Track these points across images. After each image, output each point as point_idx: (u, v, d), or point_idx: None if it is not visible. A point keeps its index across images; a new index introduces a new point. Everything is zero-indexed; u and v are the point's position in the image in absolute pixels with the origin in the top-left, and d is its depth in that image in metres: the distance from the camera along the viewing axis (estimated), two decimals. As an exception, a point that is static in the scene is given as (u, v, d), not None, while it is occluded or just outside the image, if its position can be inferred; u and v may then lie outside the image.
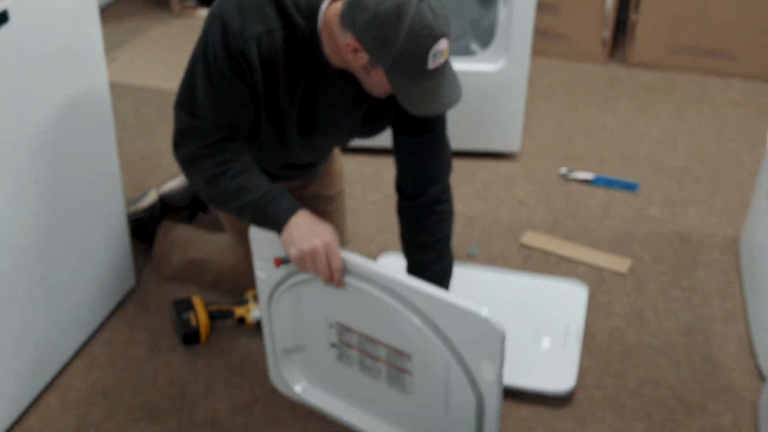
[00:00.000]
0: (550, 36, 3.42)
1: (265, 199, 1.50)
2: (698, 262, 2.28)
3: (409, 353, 1.51)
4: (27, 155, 1.64)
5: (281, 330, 1.68)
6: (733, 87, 3.22)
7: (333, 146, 1.90)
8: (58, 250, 1.80)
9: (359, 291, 1.48)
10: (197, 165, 1.58)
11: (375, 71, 1.45)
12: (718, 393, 1.86)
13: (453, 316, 1.39)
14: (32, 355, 1.77)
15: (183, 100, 1.58)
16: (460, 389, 1.46)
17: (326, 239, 1.45)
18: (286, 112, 1.60)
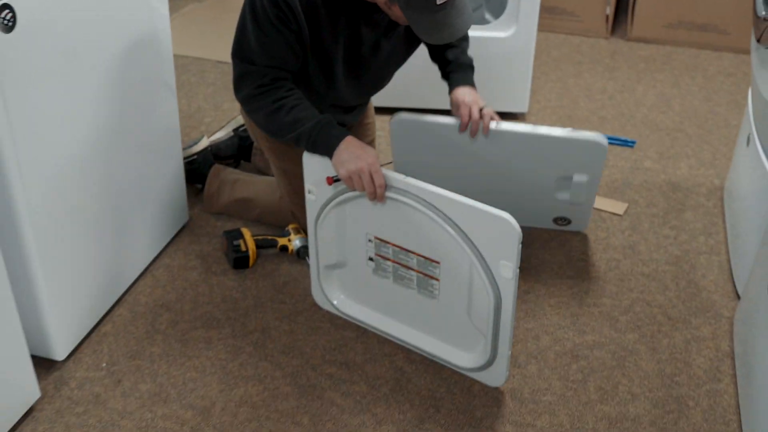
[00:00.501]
0: (558, 12, 3.70)
1: (317, 128, 1.79)
2: (686, 206, 2.55)
3: (438, 259, 1.80)
4: (103, 95, 1.91)
5: (325, 247, 1.97)
6: (724, 59, 3.49)
7: (374, 83, 2.15)
8: (127, 186, 2.07)
9: (398, 204, 1.76)
10: (256, 103, 1.86)
11: (393, 6, 1.74)
12: (699, 310, 2.14)
13: (478, 220, 1.67)
14: (105, 274, 2.05)
15: (237, 48, 1.87)
16: (481, 288, 1.74)
17: (370, 160, 1.74)
18: (331, 51, 1.88)
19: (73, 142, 1.82)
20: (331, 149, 1.79)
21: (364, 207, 1.84)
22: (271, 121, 1.86)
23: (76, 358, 1.96)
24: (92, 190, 1.93)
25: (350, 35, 1.90)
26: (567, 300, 2.17)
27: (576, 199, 2.24)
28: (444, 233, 1.73)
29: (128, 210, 2.10)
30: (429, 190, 1.72)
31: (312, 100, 1.94)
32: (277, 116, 1.84)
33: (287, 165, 2.21)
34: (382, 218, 1.84)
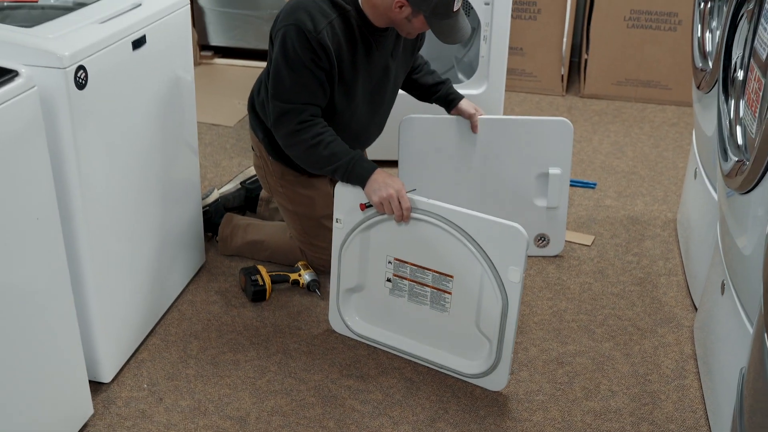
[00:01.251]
0: (518, 73, 4.10)
1: (352, 162, 2.12)
2: (645, 236, 2.90)
3: (451, 273, 2.09)
4: (142, 149, 2.19)
5: (347, 271, 2.24)
6: (667, 111, 3.91)
7: (387, 108, 2.47)
8: (156, 230, 2.32)
9: (419, 224, 2.08)
10: (297, 138, 2.18)
11: (416, 19, 2.13)
12: (663, 321, 2.46)
13: (490, 230, 1.99)
14: (140, 307, 2.29)
15: (275, 92, 2.19)
16: (490, 295, 2.04)
17: (397, 187, 2.08)
18: (352, 81, 2.23)
19: (121, 189, 2.09)
20: (364, 180, 2.11)
21: (387, 230, 2.14)
22: (310, 155, 2.19)
23: (119, 381, 2.18)
24: (129, 233, 2.18)
25: (366, 62, 2.25)
26: (549, 317, 2.47)
27: (552, 202, 2.60)
28: (459, 246, 2.04)
29: (157, 252, 2.35)
30: (447, 208, 2.05)
31: (337, 133, 2.25)
32: (315, 150, 2.16)
33: (299, 209, 2.50)
34: (403, 239, 2.14)
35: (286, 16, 2.16)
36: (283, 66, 2.15)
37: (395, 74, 2.39)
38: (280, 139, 2.23)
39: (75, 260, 1.95)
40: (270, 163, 2.48)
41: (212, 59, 4.42)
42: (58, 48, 1.75)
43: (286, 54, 2.14)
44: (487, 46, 3.15)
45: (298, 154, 2.23)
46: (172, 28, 2.20)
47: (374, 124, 2.46)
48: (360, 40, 2.21)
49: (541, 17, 3.99)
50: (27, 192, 1.68)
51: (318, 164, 2.20)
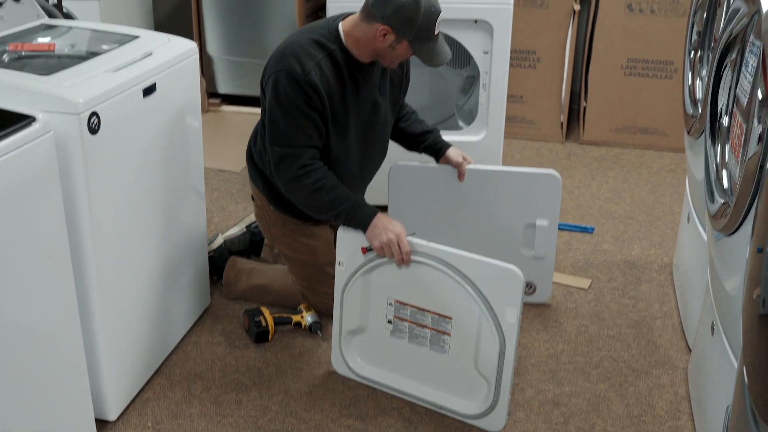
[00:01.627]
0: (519, 121, 4.19)
1: (353, 208, 2.19)
2: (642, 280, 2.95)
3: (450, 315, 2.15)
4: (151, 195, 2.27)
5: (349, 313, 2.30)
6: (665, 157, 3.99)
7: (380, 147, 2.54)
8: (163, 273, 2.38)
9: (419, 267, 2.14)
10: (299, 184, 2.24)
11: (400, 45, 2.22)
12: (658, 363, 2.50)
13: (487, 272, 2.05)
14: (146, 347, 2.34)
15: (272, 138, 2.26)
16: (488, 336, 2.09)
17: (397, 231, 2.14)
18: (344, 118, 2.31)
19: (131, 232, 2.16)
20: (365, 225, 2.18)
21: (388, 273, 2.20)
22: (312, 200, 2.26)
23: (124, 419, 2.23)
24: (137, 274, 2.25)
25: (356, 99, 2.33)
26: (545, 359, 2.51)
27: (539, 252, 2.63)
28: (458, 287, 2.10)
29: (163, 293, 2.41)
30: (445, 251, 2.11)
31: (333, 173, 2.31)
32: (317, 196, 2.23)
33: (301, 257, 2.57)
34: (403, 282, 2.20)
35: (275, 63, 2.24)
36: (277, 111, 2.23)
37: (384, 110, 2.46)
38: (282, 185, 2.30)
39: (84, 300, 2.02)
40: (271, 213, 2.55)
41: (220, 106, 4.53)
42: (73, 95, 1.84)
43: (279, 99, 2.22)
44: (486, 93, 3.25)
45: (301, 200, 2.30)
46: (181, 76, 2.29)
47: (369, 162, 2.53)
48: (348, 77, 2.29)
49: (541, 66, 4.09)
50: (41, 231, 1.76)
51: (320, 209, 2.27)
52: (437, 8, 2.19)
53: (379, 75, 2.39)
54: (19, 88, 1.86)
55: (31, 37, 2.25)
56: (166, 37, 2.35)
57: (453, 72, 3.76)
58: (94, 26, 2.46)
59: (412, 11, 2.14)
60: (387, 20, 2.17)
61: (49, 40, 2.25)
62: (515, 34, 3.98)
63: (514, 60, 4.08)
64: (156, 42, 2.29)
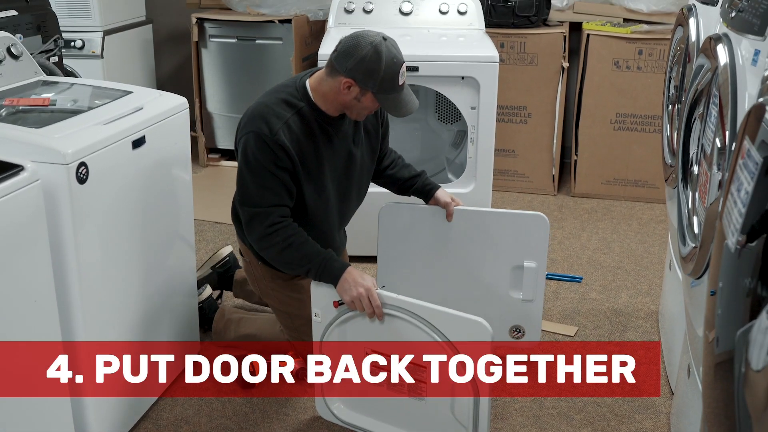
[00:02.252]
0: (511, 174, 4.27)
1: (323, 263, 2.23)
2: (628, 327, 2.99)
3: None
4: (140, 245, 2.35)
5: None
6: (655, 209, 4.05)
7: (357, 196, 2.61)
8: (152, 320, 2.45)
9: (391, 319, 2.18)
10: (269, 241, 2.29)
11: (365, 97, 2.27)
12: (642, 408, 2.52)
13: (456, 325, 2.09)
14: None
15: (242, 198, 2.32)
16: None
17: (367, 285, 2.18)
18: (319, 173, 2.36)
19: (119, 280, 2.23)
20: (336, 279, 2.22)
21: (362, 325, 2.25)
22: (283, 257, 2.29)
23: (110, 464, 2.26)
24: (125, 321, 2.31)
25: (330, 152, 2.39)
26: (529, 404, 2.54)
27: (527, 295, 2.67)
28: (429, 338, 2.13)
29: (152, 339, 2.47)
30: (414, 303, 2.14)
31: (310, 233, 2.36)
32: (287, 252, 2.27)
33: (289, 309, 2.61)
34: (377, 333, 2.24)
35: (244, 126, 2.30)
36: (246, 172, 2.28)
37: (361, 160, 2.52)
38: (254, 242, 2.34)
39: (71, 346, 2.07)
40: (259, 268, 2.59)
41: (219, 161, 4.64)
42: (62, 146, 1.93)
43: (247, 160, 2.27)
44: (475, 147, 3.33)
45: (272, 257, 2.34)
46: (171, 130, 2.39)
47: (347, 210, 2.59)
48: (319, 131, 2.35)
49: (532, 121, 4.19)
50: (27, 275, 1.82)
51: (291, 266, 2.32)
52: (399, 59, 2.24)
53: (352, 126, 2.46)
54: (12, 140, 1.95)
55: (28, 92, 2.36)
56: (157, 92, 2.46)
57: (444, 127, 3.86)
58: (89, 83, 2.58)
59: (374, 63, 2.20)
60: (350, 73, 2.22)
61: (44, 95, 2.36)
62: (507, 91, 4.11)
63: (505, 115, 4.19)
64: (147, 97, 2.39)
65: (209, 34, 4.45)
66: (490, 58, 3.25)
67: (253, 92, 4.54)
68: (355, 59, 2.21)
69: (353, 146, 2.48)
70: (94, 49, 4.06)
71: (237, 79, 4.51)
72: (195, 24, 4.38)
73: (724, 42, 1.92)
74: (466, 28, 3.73)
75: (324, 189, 2.42)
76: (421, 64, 3.23)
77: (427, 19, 3.75)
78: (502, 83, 3.99)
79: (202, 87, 4.55)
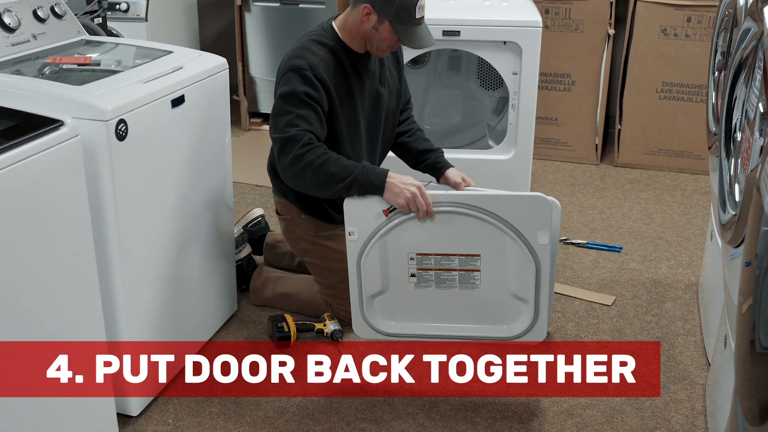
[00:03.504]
0: (553, 143, 4.23)
1: (364, 171, 2.25)
2: (666, 298, 2.95)
3: (478, 252, 2.23)
4: (181, 203, 2.37)
5: (369, 278, 2.34)
6: (700, 180, 3.98)
7: (387, 138, 2.65)
8: (192, 278, 2.49)
9: (441, 216, 2.22)
10: (303, 161, 2.28)
11: (382, 26, 2.35)
12: (677, 379, 2.50)
13: (516, 205, 2.15)
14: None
15: (275, 128, 2.35)
16: (522, 261, 2.19)
17: (417, 184, 2.23)
18: (350, 107, 2.43)
19: (157, 238, 2.26)
20: (381, 185, 2.23)
21: (407, 230, 2.27)
22: (320, 175, 2.27)
23: (146, 416, 2.32)
24: (163, 278, 2.35)
25: (359, 89, 2.46)
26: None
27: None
28: (486, 226, 2.19)
29: (189, 298, 2.51)
30: (469, 195, 2.25)
31: None
32: (324, 168, 2.26)
33: (330, 264, 2.64)
34: (422, 235, 2.27)
35: (283, 68, 2.39)
36: (282, 104, 2.33)
37: (388, 101, 2.58)
38: (287, 170, 2.31)
39: (109, 301, 2.12)
40: (301, 223, 2.62)
41: (261, 125, 4.66)
42: (102, 103, 1.96)
43: (285, 94, 2.32)
44: (516, 114, 3.30)
45: (308, 179, 2.30)
46: (210, 90, 2.40)
47: (375, 154, 2.63)
48: (350, 68, 2.43)
49: (575, 89, 4.13)
50: (66, 228, 1.86)
51: (329, 183, 2.27)
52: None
53: (378, 66, 2.54)
54: (54, 97, 1.98)
55: (71, 51, 2.39)
56: (197, 53, 2.47)
57: (486, 93, 3.82)
58: (131, 42, 2.60)
59: None
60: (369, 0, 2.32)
61: (86, 54, 2.39)
62: (551, 58, 4.05)
63: (549, 83, 4.13)
64: (187, 57, 2.41)
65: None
66: (533, 23, 3.20)
67: (295, 57, 4.55)
68: None
69: (380, 86, 2.54)
70: (139, 12, 4.09)
71: (280, 43, 4.51)
72: (239, -12, 4.39)
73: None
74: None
75: (357, 126, 2.47)
76: (462, 28, 3.20)
77: (470, -17, 3.70)
78: (546, 50, 3.94)
79: (245, 51, 4.57)
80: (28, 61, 2.27)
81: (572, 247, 3.33)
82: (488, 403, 2.41)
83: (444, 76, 3.86)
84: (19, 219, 1.72)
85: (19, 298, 1.76)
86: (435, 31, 3.11)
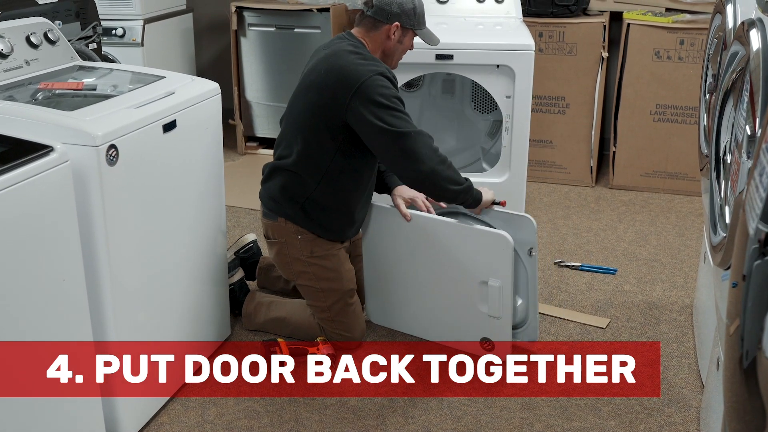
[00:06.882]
0: (548, 165, 4.23)
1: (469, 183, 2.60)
2: (661, 320, 2.94)
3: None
4: (174, 231, 2.37)
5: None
6: (695, 202, 3.98)
7: None
8: (180, 306, 2.48)
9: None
10: (440, 155, 2.50)
11: (405, 37, 2.63)
12: (671, 402, 2.49)
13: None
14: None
15: (399, 121, 2.44)
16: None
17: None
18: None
19: (149, 263, 2.26)
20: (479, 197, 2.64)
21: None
22: (451, 171, 2.53)
23: (138, 442, 2.31)
24: (156, 303, 2.35)
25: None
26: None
27: (493, 311, 2.59)
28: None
29: (182, 323, 2.50)
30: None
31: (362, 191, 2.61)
32: (452, 168, 2.54)
33: (326, 284, 2.65)
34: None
35: (356, 75, 2.44)
36: (389, 100, 2.44)
37: None
38: (430, 158, 2.46)
39: (100, 327, 2.11)
40: (298, 243, 2.62)
41: (257, 150, 4.68)
42: (92, 128, 1.97)
43: (379, 102, 2.42)
44: (509, 136, 3.31)
45: (445, 171, 2.50)
46: (202, 115, 2.41)
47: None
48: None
49: (570, 111, 4.14)
50: (55, 253, 1.86)
51: (453, 182, 2.53)
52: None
53: None
54: (44, 122, 1.99)
55: (64, 77, 2.41)
56: (189, 77, 2.48)
57: (480, 116, 3.84)
58: (123, 68, 2.62)
59: (410, 2, 2.58)
60: (394, 18, 2.56)
61: (79, 80, 2.40)
62: (545, 81, 4.07)
63: (543, 106, 4.15)
64: (179, 82, 2.42)
65: (248, 22, 4.48)
66: (526, 47, 3.22)
67: (291, 81, 4.56)
68: (396, 4, 2.55)
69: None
70: (135, 37, 4.12)
71: (276, 67, 4.54)
72: (234, 13, 4.42)
73: (757, 27, 1.88)
74: (503, 17, 3.70)
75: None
76: (456, 52, 3.22)
77: (464, 7, 3.73)
78: (540, 73, 3.96)
79: (241, 75, 4.59)
80: (21, 87, 2.29)
81: (567, 269, 3.32)
82: (488, 403, 2.40)
83: (438, 99, 3.89)
84: (8, 245, 1.72)
85: (5, 327, 1.75)
86: (428, 56, 3.15)
